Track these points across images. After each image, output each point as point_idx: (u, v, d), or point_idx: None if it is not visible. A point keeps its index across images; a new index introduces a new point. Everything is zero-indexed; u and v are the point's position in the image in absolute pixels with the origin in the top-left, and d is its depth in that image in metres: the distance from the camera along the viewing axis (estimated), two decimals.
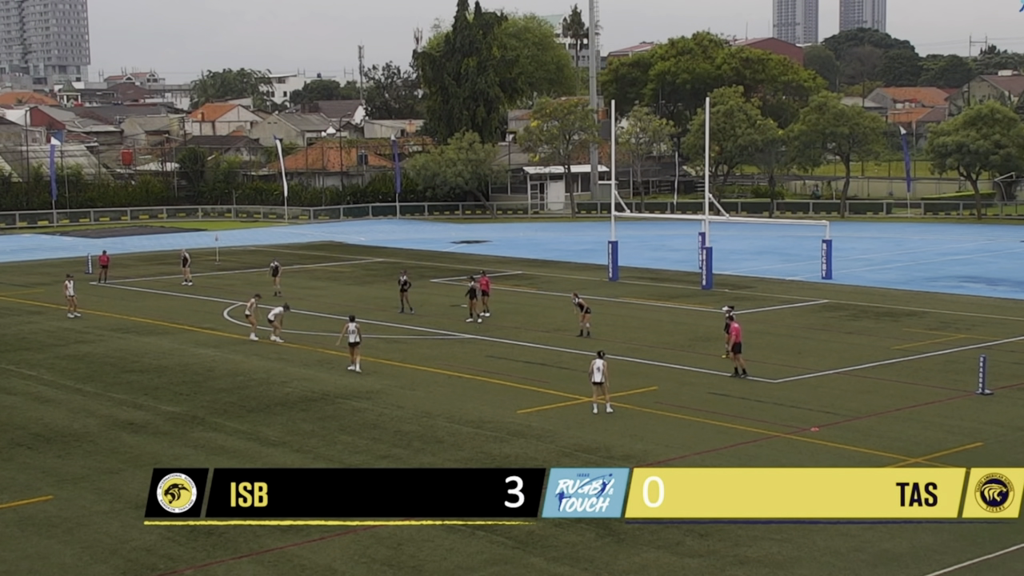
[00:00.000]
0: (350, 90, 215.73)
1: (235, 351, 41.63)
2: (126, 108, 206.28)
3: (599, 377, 31.35)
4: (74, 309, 49.06)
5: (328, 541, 22.52)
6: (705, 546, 22.18)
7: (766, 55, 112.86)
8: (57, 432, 30.89)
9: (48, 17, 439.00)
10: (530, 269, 65.22)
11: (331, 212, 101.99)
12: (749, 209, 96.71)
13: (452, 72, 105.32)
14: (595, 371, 31.40)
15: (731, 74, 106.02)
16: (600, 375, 31.32)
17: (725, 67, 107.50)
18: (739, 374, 36.16)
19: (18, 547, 22.47)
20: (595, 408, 31.67)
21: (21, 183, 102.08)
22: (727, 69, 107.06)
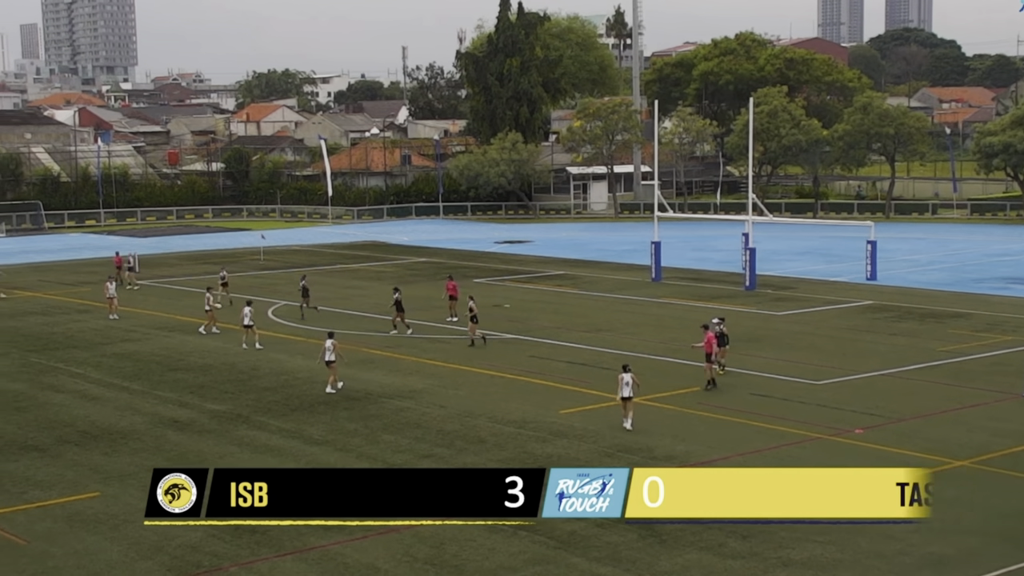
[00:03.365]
0: (394, 90, 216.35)
1: (279, 350, 41.90)
2: (172, 108, 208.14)
3: (627, 392, 30.15)
4: (114, 310, 49.28)
5: (371, 540, 22.64)
6: (748, 548, 22.12)
7: (810, 55, 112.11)
8: (104, 429, 31.23)
9: (96, 19, 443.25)
10: (572, 269, 65.20)
11: (374, 212, 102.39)
12: (793, 210, 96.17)
13: (495, 72, 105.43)
14: (623, 386, 30.18)
15: (775, 74, 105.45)
16: (628, 390, 30.15)
17: (768, 67, 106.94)
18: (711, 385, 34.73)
19: (66, 543, 22.74)
20: (628, 423, 30.41)
21: (69, 183, 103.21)
22: (771, 69, 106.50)
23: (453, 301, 47.74)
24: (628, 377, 30.11)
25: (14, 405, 34.15)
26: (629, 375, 30.18)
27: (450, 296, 47.84)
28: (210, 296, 45.61)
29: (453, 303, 47.75)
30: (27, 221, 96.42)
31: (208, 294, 45.84)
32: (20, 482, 26.62)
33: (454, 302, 47.74)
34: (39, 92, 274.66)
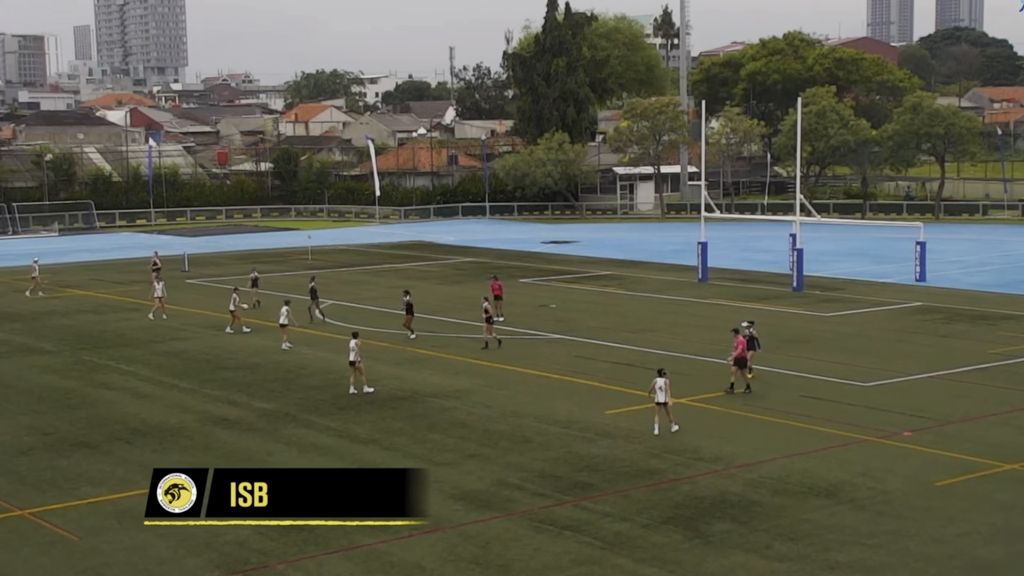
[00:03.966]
0: (441, 91, 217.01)
1: (327, 349, 42.13)
2: (222, 109, 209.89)
3: (662, 397, 29.72)
4: (161, 309, 49.52)
5: (417, 539, 22.74)
6: (794, 550, 22.02)
7: (859, 55, 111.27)
8: (154, 427, 31.56)
9: (148, 20, 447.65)
10: (618, 270, 65.11)
11: (421, 212, 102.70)
12: (841, 210, 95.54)
13: (542, 72, 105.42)
14: (658, 390, 29.74)
15: (823, 74, 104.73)
16: (663, 394, 29.73)
17: (817, 67, 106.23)
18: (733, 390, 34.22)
19: (116, 539, 23.00)
20: (657, 429, 29.92)
21: (120, 183, 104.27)
22: (819, 69, 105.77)
23: (499, 301, 47.82)
24: (662, 382, 29.72)
25: (66, 402, 34.58)
26: (663, 379, 29.79)
27: (495, 296, 47.92)
28: (236, 296, 45.75)
29: (499, 303, 47.83)
30: (79, 220, 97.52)
31: (234, 294, 45.98)
32: (72, 478, 26.96)
33: (499, 302, 47.83)
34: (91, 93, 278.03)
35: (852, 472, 26.65)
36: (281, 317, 42.46)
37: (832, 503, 24.61)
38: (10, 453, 29.12)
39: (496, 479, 26.45)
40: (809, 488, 25.56)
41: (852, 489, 25.49)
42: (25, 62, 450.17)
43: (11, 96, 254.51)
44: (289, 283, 59.54)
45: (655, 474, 26.71)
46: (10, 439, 30.42)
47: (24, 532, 23.41)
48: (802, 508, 24.32)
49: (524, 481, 26.28)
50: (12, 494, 25.80)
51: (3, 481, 26.82)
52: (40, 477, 27.09)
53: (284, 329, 42.41)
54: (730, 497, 25.02)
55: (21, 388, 36.61)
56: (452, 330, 45.57)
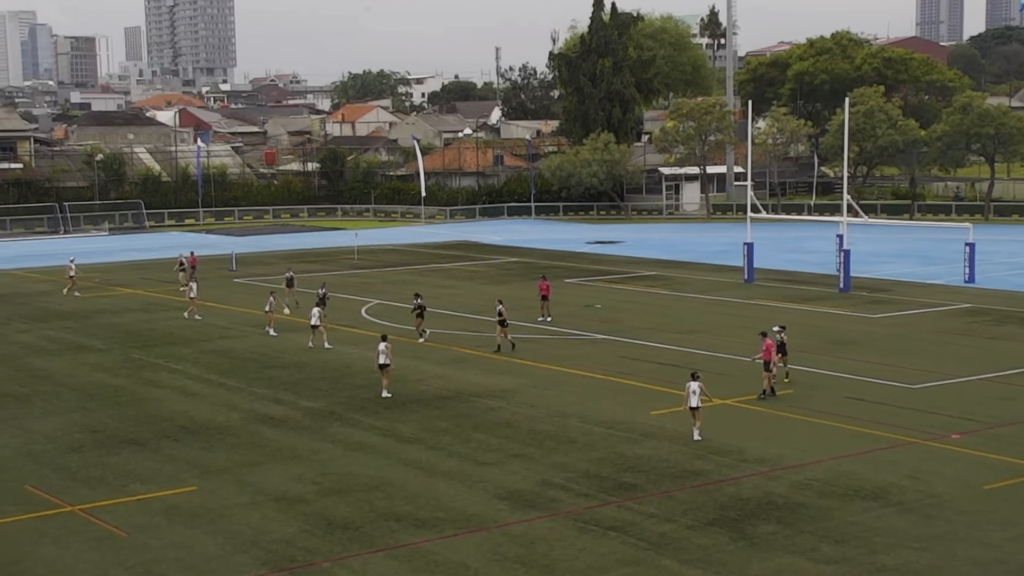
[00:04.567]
0: (487, 91, 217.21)
1: (373, 348, 42.20)
2: (269, 109, 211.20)
3: (695, 402, 29.23)
4: (194, 310, 49.90)
5: (461, 538, 22.82)
6: (840, 553, 21.90)
7: (908, 54, 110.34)
8: (201, 425, 31.84)
9: (197, 22, 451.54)
10: (664, 270, 64.95)
11: (467, 212, 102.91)
12: (889, 211, 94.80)
13: (588, 73, 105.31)
14: (691, 395, 29.30)
15: (871, 74, 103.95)
16: (696, 399, 29.26)
17: (865, 67, 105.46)
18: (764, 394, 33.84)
19: (165, 536, 23.24)
20: (696, 434, 29.39)
21: (169, 182, 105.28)
22: (867, 69, 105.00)
23: (546, 301, 47.89)
24: (695, 386, 29.42)
25: (115, 400, 34.96)
26: (697, 384, 29.50)
27: (543, 296, 47.99)
28: (272, 299, 45.90)
29: (546, 303, 47.90)
30: (129, 220, 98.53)
31: (271, 297, 46.15)
32: (121, 475, 27.27)
33: (546, 302, 47.90)
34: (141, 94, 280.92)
35: (899, 474, 26.47)
36: (312, 318, 42.69)
37: (879, 506, 24.46)
38: (62, 450, 29.50)
39: (541, 479, 26.49)
40: (855, 490, 25.41)
41: (899, 492, 25.31)
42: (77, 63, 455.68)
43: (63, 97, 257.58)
44: (334, 283, 59.82)
45: (700, 475, 26.65)
46: (62, 436, 30.81)
47: (75, 528, 23.71)
48: (848, 510, 24.19)
49: (569, 481, 26.31)
50: (64, 490, 26.13)
51: (55, 477, 27.18)
52: (90, 474, 27.42)
53: (315, 330, 42.58)
54: (775, 499, 24.92)
55: (72, 385, 37.07)
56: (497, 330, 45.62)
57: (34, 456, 28.99)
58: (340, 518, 24.04)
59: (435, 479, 26.62)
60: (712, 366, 38.24)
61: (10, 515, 24.56)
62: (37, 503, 25.29)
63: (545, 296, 47.95)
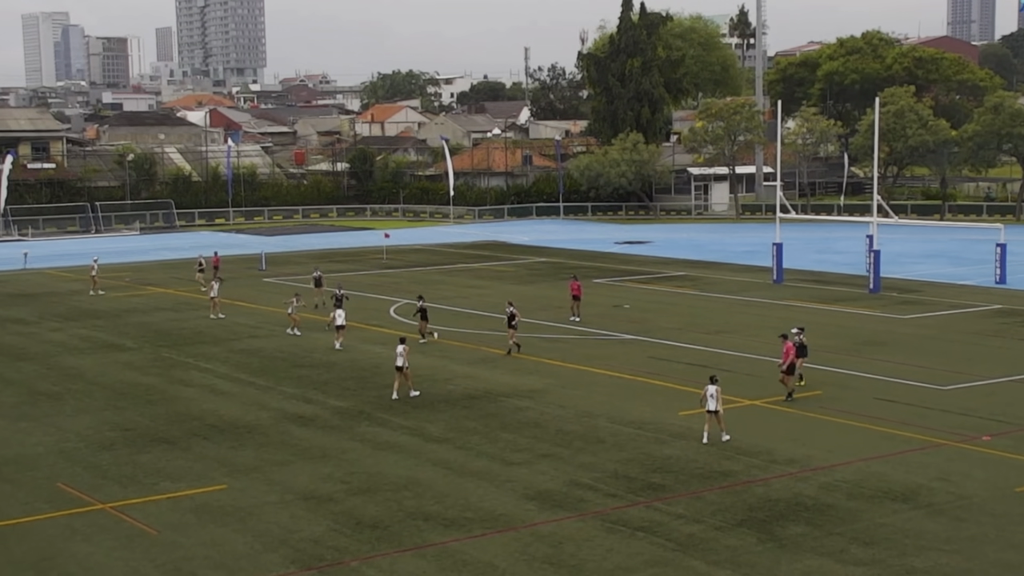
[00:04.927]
0: (516, 91, 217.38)
1: None
2: (299, 109, 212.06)
3: (713, 405, 28.96)
4: (216, 311, 50.02)
5: (489, 538, 22.86)
6: (870, 555, 21.82)
7: (939, 54, 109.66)
8: (231, 423, 32.01)
9: (227, 22, 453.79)
10: (692, 270, 64.82)
11: (495, 212, 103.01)
12: (919, 211, 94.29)
13: (616, 73, 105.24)
14: (708, 398, 28.98)
15: (902, 73, 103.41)
16: (714, 402, 29.00)
17: (896, 66, 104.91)
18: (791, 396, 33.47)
19: (195, 534, 23.38)
20: (706, 437, 29.13)
21: (200, 182, 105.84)
22: (898, 69, 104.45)
23: (577, 301, 47.91)
24: (713, 389, 29.19)
25: (146, 398, 35.19)
26: (715, 387, 29.24)
27: (574, 296, 48.02)
28: (295, 300, 45.85)
29: (577, 303, 47.92)
30: (160, 219, 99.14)
31: (294, 299, 46.03)
32: (151, 473, 27.44)
33: (577, 302, 47.92)
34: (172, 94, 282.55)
35: (929, 476, 26.34)
36: (337, 319, 42.80)
37: (908, 507, 24.35)
38: (93, 448, 29.71)
39: (569, 479, 26.50)
40: (885, 492, 25.30)
41: (929, 493, 25.19)
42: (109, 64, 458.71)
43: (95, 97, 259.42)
44: (363, 282, 60.04)
45: (728, 476, 26.59)
46: (93, 434, 31.04)
47: (105, 526, 23.87)
48: (878, 512, 24.09)
49: (597, 481, 26.31)
50: (95, 488, 26.32)
51: (86, 475, 27.38)
52: (121, 472, 27.61)
53: (340, 331, 42.69)
54: (804, 500, 24.84)
55: (104, 384, 37.33)
56: (526, 330, 45.64)
57: (66, 454, 29.22)
58: (368, 517, 24.12)
59: (463, 479, 26.67)
60: (740, 367, 38.16)
61: (42, 512, 24.76)
62: (69, 501, 25.48)
63: (577, 296, 48.01)
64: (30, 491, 26.24)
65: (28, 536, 23.33)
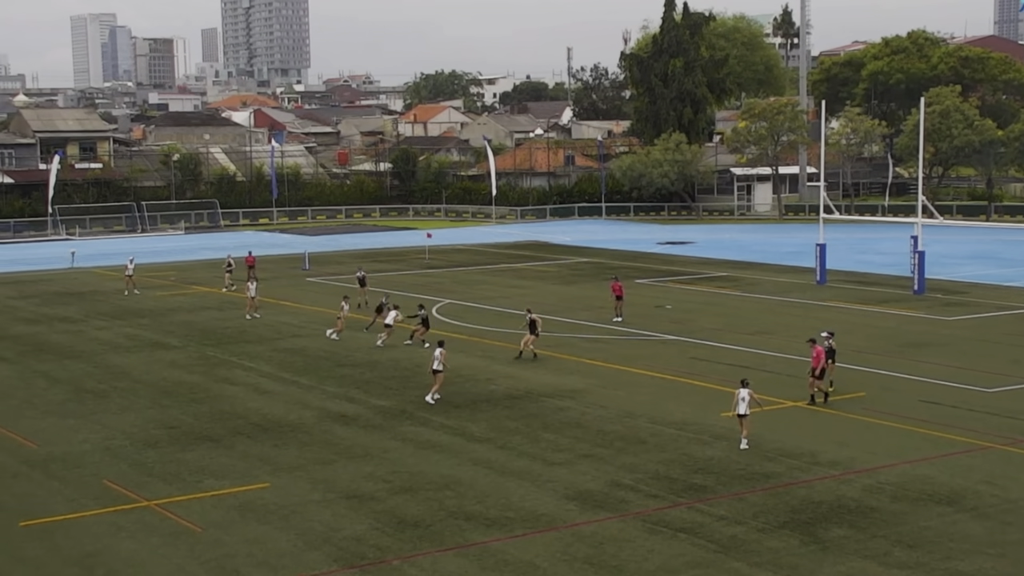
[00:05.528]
0: (558, 91, 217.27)
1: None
2: (343, 110, 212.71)
3: (743, 409, 28.85)
4: (254, 310, 50.25)
5: (531, 538, 22.90)
6: (913, 557, 21.68)
7: (986, 53, 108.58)
8: (274, 422, 32.22)
9: (272, 23, 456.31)
10: (735, 271, 64.58)
11: (537, 212, 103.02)
12: (964, 212, 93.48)
13: (659, 73, 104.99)
14: (739, 402, 28.76)
15: (948, 73, 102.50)
16: (745, 406, 28.84)
17: (942, 66, 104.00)
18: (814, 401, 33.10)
19: (238, 531, 23.56)
20: (744, 443, 28.93)
21: (244, 182, 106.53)
22: (944, 68, 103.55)
23: (620, 301, 47.89)
24: (745, 393, 28.99)
25: (190, 396, 35.48)
26: (747, 391, 29.04)
27: (617, 296, 48.00)
28: (345, 305, 45.80)
29: (620, 303, 47.90)
30: (204, 219, 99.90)
31: (344, 303, 45.85)
32: (196, 471, 27.68)
33: (620, 302, 47.89)
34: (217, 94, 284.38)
35: (974, 479, 26.14)
36: (388, 317, 42.96)
37: (953, 511, 24.17)
38: (139, 445, 30.00)
39: (610, 480, 26.50)
40: (929, 495, 25.13)
41: (974, 497, 25.00)
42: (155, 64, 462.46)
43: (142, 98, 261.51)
44: (406, 282, 60.22)
45: (771, 477, 26.50)
46: (138, 432, 31.34)
47: (151, 523, 24.11)
48: (922, 515, 23.93)
49: (638, 482, 26.29)
50: (140, 485, 26.58)
51: (132, 472, 27.65)
52: (166, 469, 27.87)
53: (388, 329, 42.85)
54: (847, 502, 24.72)
55: (148, 382, 37.68)
56: (567, 330, 45.68)
57: (112, 451, 29.53)
58: (410, 516, 24.22)
59: (505, 478, 26.73)
60: (782, 368, 38.01)
61: (89, 509, 25.05)
62: (114, 497, 25.76)
63: (619, 296, 47.99)
64: (77, 488, 26.54)
65: (74, 532, 23.61)
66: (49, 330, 48.25)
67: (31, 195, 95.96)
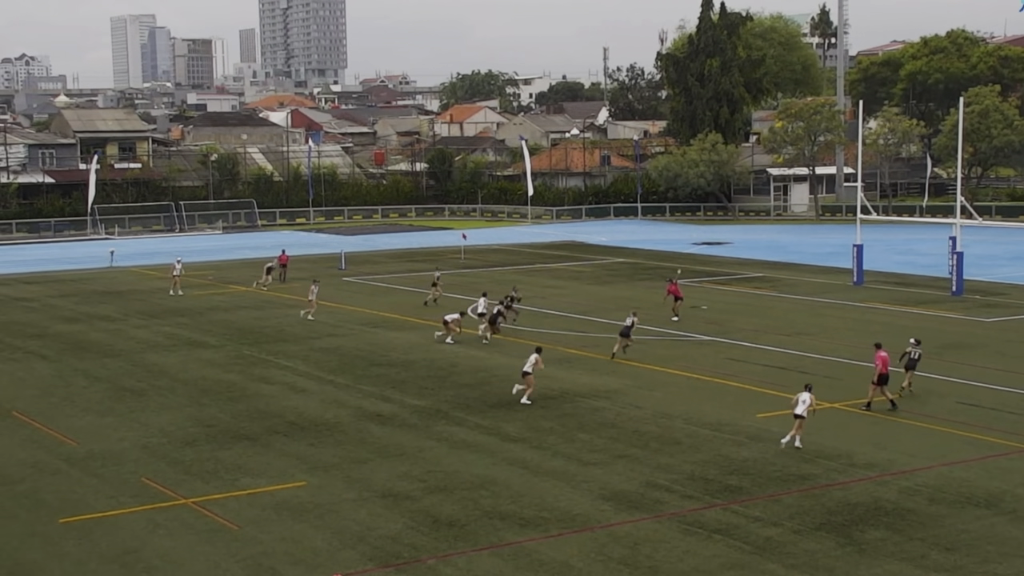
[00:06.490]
0: (594, 91, 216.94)
1: (478, 347, 42.64)
2: (379, 110, 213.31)
3: (802, 410, 28.69)
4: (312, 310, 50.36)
5: (566, 538, 22.91)
6: (951, 561, 21.54)
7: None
8: (310, 421, 32.37)
9: (309, 24, 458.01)
10: (771, 272, 64.32)
11: (573, 212, 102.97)
12: (1004, 213, 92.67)
13: (695, 73, 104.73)
14: (799, 403, 28.64)
15: (987, 73, 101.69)
16: (803, 408, 28.67)
17: (981, 66, 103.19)
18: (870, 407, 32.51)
19: (274, 530, 23.70)
20: (797, 441, 28.72)
21: (281, 182, 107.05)
22: (983, 68, 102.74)
23: (678, 302, 47.80)
24: (806, 396, 28.86)
25: (228, 395, 35.70)
26: (809, 395, 28.90)
27: (675, 297, 47.87)
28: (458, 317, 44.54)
29: (678, 303, 47.78)
30: (242, 219, 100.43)
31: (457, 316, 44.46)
32: (232, 470, 27.85)
33: (679, 302, 47.81)
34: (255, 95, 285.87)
35: (1013, 482, 25.93)
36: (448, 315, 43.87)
37: (992, 514, 23.99)
38: (176, 444, 30.22)
39: (645, 480, 26.46)
40: (967, 498, 24.96)
41: (1013, 500, 24.80)
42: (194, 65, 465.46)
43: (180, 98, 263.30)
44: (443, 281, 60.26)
45: (807, 479, 26.39)
46: (176, 430, 31.56)
47: (188, 520, 24.28)
48: (960, 518, 23.77)
49: (673, 483, 26.24)
50: (178, 483, 26.78)
51: (170, 471, 27.85)
52: (203, 467, 28.05)
53: (447, 326, 43.43)
54: (884, 504, 24.58)
55: (186, 380, 37.93)
56: (602, 330, 45.61)
57: (150, 449, 29.75)
58: (445, 516, 24.28)
59: (540, 478, 26.74)
60: (820, 369, 37.83)
61: (127, 506, 25.25)
62: (152, 495, 25.96)
63: (678, 297, 47.85)
64: (115, 485, 26.76)
65: (113, 529, 23.81)
66: (88, 328, 48.67)
67: (71, 195, 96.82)
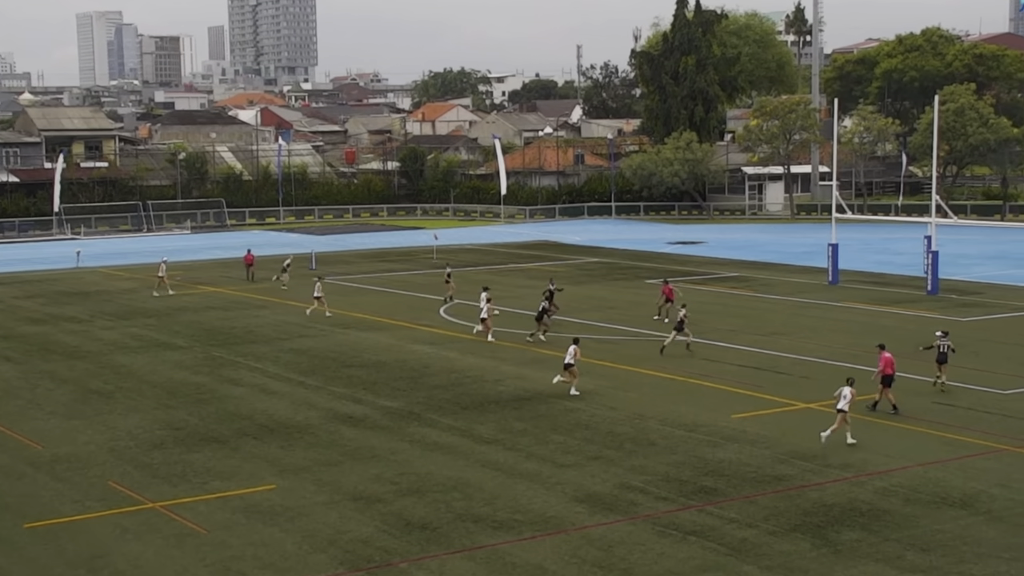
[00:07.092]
0: (568, 89, 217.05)
1: (450, 348, 42.32)
2: (350, 108, 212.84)
3: (843, 404, 28.57)
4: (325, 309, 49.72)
5: (539, 540, 22.61)
6: (927, 561, 21.36)
7: (1001, 51, 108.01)
8: (280, 423, 31.96)
9: (279, 21, 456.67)
10: (747, 271, 64.24)
11: (547, 211, 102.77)
12: (979, 212, 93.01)
13: (670, 71, 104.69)
14: (841, 398, 28.69)
15: (963, 71, 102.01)
16: (845, 402, 28.50)
17: (956, 64, 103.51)
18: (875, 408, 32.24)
19: (244, 534, 23.30)
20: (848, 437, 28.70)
21: (251, 181, 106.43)
22: (958, 66, 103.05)
23: (668, 304, 47.37)
24: (847, 390, 28.63)
25: (196, 397, 35.25)
26: (849, 389, 28.67)
27: (666, 299, 47.45)
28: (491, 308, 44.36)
29: (668, 305, 47.32)
30: (211, 218, 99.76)
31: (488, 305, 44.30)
32: (201, 473, 27.43)
33: (669, 304, 47.41)
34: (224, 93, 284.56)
35: (988, 482, 25.79)
36: (483, 312, 43.36)
37: (967, 514, 23.84)
38: (144, 447, 29.76)
39: (620, 482, 26.19)
40: (943, 498, 24.80)
41: (989, 500, 24.66)
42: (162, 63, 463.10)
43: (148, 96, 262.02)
44: (414, 282, 59.96)
45: (782, 480, 26.18)
46: (144, 433, 31.10)
47: (156, 524, 23.86)
48: (935, 518, 23.60)
49: (648, 484, 25.98)
50: (146, 487, 26.34)
51: (137, 474, 27.41)
52: (172, 471, 27.62)
53: (484, 323, 43.40)
54: (860, 505, 24.40)
55: (154, 382, 37.46)
56: (577, 331, 45.34)
57: (117, 452, 29.30)
58: (418, 518, 23.95)
59: (513, 480, 26.44)
60: (795, 369, 37.69)
61: (94, 511, 24.81)
62: (120, 499, 25.52)
63: (669, 299, 47.39)
64: (82, 489, 26.31)
65: (80, 534, 23.38)
66: (55, 330, 48.08)
67: (36, 194, 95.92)
